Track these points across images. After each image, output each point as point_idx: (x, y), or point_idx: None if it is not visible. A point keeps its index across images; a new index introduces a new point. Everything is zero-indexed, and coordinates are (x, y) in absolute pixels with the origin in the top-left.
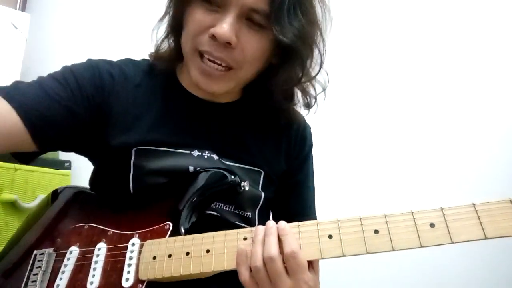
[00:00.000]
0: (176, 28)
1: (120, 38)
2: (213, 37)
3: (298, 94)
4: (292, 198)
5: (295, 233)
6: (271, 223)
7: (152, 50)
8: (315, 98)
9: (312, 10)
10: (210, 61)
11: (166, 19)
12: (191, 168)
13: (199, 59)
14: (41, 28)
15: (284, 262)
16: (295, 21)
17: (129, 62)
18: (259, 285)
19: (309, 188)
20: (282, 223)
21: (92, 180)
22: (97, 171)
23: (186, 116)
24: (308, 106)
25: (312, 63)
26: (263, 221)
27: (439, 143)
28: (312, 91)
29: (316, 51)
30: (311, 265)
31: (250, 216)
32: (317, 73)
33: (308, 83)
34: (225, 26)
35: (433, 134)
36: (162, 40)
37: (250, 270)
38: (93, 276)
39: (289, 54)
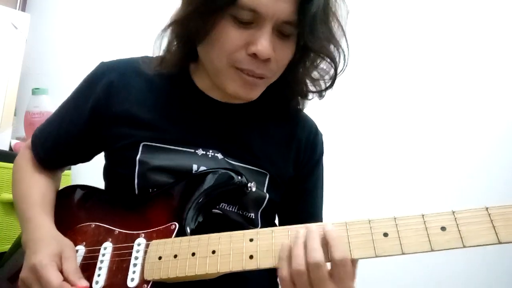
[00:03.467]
0: (194, 37)
1: (120, 38)
2: (254, 55)
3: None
4: (299, 205)
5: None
6: (313, 226)
7: (156, 54)
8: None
9: (338, 12)
10: (250, 75)
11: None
12: (195, 167)
13: (238, 72)
14: (41, 28)
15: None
16: (324, 27)
17: (145, 58)
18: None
19: (317, 197)
20: (328, 225)
21: (105, 173)
22: (106, 167)
23: (195, 115)
24: (320, 94)
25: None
26: (266, 223)
27: (450, 146)
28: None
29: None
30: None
31: (253, 217)
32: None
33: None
34: (265, 44)
35: (444, 137)
36: (170, 45)
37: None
38: (99, 275)
39: (309, 55)
